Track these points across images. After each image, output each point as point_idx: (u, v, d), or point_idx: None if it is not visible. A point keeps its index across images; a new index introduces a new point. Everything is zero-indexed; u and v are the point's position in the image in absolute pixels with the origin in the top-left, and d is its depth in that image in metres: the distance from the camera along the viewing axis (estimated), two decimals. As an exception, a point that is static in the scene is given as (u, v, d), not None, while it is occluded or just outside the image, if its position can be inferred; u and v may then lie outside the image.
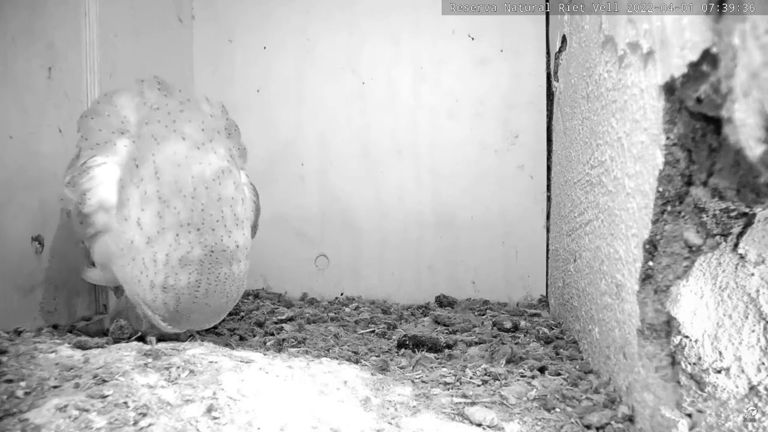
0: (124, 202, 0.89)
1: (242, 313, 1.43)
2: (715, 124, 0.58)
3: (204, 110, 1.00)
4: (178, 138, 0.90)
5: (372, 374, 0.91)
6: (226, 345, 1.03)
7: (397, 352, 1.13)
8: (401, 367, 1.01)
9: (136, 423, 0.64)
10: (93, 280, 1.05)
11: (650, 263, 0.69)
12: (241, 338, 1.23)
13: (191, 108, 0.97)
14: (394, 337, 1.28)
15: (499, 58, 1.73)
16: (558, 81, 1.47)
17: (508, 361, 1.03)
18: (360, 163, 1.77)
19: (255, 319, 1.37)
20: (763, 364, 0.65)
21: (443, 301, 1.67)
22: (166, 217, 0.85)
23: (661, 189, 0.66)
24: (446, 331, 1.34)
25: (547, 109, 1.69)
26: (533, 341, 1.22)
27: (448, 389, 0.86)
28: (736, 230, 0.64)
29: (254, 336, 1.25)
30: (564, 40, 1.34)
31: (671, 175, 0.65)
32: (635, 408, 0.74)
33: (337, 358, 1.00)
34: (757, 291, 0.66)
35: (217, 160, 0.90)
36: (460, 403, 0.80)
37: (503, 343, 1.16)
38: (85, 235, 0.95)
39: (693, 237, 0.65)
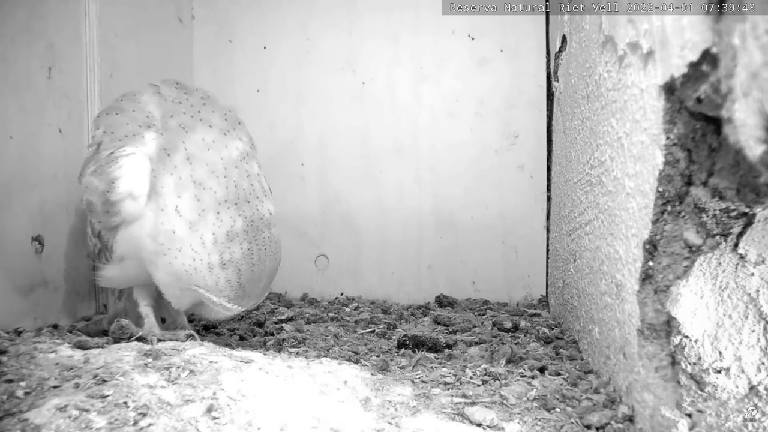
0: (159, 191, 0.91)
1: (242, 313, 1.43)
2: (715, 124, 0.58)
3: (222, 105, 1.04)
4: (205, 126, 0.95)
5: (372, 374, 0.91)
6: (226, 345, 1.03)
7: (397, 352, 1.13)
8: (401, 367, 1.01)
9: (136, 423, 0.64)
10: (107, 280, 1.04)
11: (650, 263, 0.69)
12: (241, 338, 1.23)
13: (212, 102, 1.02)
14: (394, 337, 1.28)
15: (499, 58, 1.73)
16: (558, 81, 1.47)
17: (508, 361, 1.03)
18: (360, 163, 1.77)
19: (255, 319, 1.37)
20: (763, 364, 0.65)
21: (443, 301, 1.67)
22: (204, 199, 0.90)
23: (661, 189, 0.66)
24: (446, 331, 1.34)
25: (547, 109, 1.69)
26: (533, 341, 1.22)
27: (448, 389, 0.86)
28: (736, 230, 0.64)
29: (254, 336, 1.25)
30: (564, 40, 1.34)
31: (671, 175, 0.65)
32: (635, 408, 0.74)
33: (337, 358, 1.00)
34: (757, 291, 0.66)
35: (242, 144, 0.97)
36: (460, 403, 0.80)
37: (503, 343, 1.16)
38: (109, 224, 0.96)
39: (693, 237, 0.65)
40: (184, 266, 0.90)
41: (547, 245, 1.68)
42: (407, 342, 1.15)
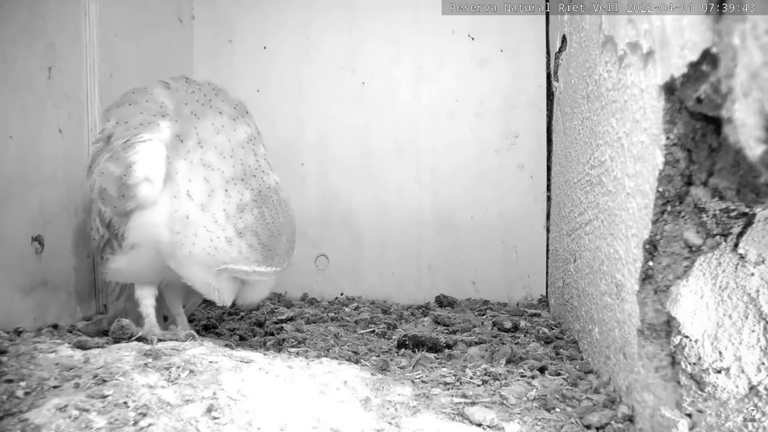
0: (173, 177, 0.94)
1: (242, 313, 1.43)
2: (715, 124, 0.58)
3: (232, 98, 1.07)
4: (215, 112, 0.99)
5: (372, 374, 0.91)
6: (226, 345, 1.03)
7: (397, 352, 1.13)
8: (401, 367, 1.01)
9: (136, 423, 0.64)
10: (114, 272, 1.05)
11: (650, 263, 0.69)
12: (241, 338, 1.23)
13: (223, 93, 1.06)
14: (394, 337, 1.28)
15: (499, 58, 1.73)
16: (558, 81, 1.47)
17: (508, 361, 1.03)
18: (360, 163, 1.77)
19: (255, 319, 1.37)
20: (763, 364, 0.65)
21: (443, 301, 1.67)
22: (213, 180, 0.93)
23: (661, 189, 0.66)
24: (446, 331, 1.34)
25: (547, 109, 1.69)
26: (533, 341, 1.22)
27: (448, 389, 0.86)
28: (736, 230, 0.64)
29: (254, 336, 1.25)
30: (564, 40, 1.35)
31: (671, 175, 0.65)
32: (635, 408, 0.74)
33: (337, 358, 1.00)
34: (757, 291, 0.66)
35: (249, 129, 1.01)
36: (460, 403, 0.80)
37: (503, 343, 1.16)
38: (123, 210, 0.97)
39: (693, 237, 0.65)
40: (204, 249, 0.92)
41: (547, 245, 1.68)
42: (407, 342, 1.15)
